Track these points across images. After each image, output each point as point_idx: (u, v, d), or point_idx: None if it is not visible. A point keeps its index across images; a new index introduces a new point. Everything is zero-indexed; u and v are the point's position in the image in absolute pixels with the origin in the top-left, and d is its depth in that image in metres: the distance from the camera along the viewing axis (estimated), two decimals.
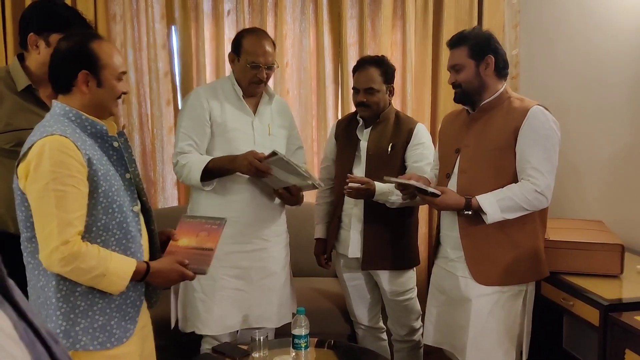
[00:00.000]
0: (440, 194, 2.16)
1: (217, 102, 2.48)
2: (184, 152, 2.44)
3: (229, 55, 2.54)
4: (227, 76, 2.62)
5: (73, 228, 1.57)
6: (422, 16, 3.53)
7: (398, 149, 2.62)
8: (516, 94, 2.30)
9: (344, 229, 2.72)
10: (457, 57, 2.24)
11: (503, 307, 2.21)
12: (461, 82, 2.22)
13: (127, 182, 1.73)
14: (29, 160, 1.58)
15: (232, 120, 2.48)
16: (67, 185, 1.56)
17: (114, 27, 3.28)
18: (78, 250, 1.56)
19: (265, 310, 2.56)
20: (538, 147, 2.10)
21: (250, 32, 2.53)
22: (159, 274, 1.75)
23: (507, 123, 2.16)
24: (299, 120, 3.50)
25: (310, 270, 3.36)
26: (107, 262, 1.61)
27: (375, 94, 2.61)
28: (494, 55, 2.20)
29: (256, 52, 2.44)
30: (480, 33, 2.26)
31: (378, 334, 2.87)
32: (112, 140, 1.71)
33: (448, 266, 2.33)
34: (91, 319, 1.64)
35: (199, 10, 3.32)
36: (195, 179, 2.38)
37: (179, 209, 3.37)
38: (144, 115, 3.43)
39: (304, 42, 3.49)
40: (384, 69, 2.62)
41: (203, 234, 1.92)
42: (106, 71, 1.69)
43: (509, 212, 2.11)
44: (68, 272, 1.58)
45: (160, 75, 3.37)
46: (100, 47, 1.69)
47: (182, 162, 2.43)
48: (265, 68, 2.46)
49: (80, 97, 1.68)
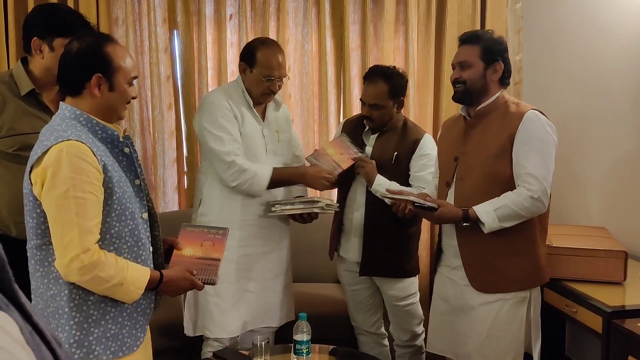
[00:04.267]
0: (438, 207, 2.15)
1: (236, 107, 2.49)
2: (237, 154, 2.43)
3: (240, 64, 2.54)
4: (234, 82, 2.61)
5: (93, 236, 1.56)
6: (425, 21, 3.53)
7: (402, 159, 2.61)
8: (513, 98, 2.29)
9: (346, 232, 2.72)
10: (467, 54, 2.21)
11: (507, 314, 2.19)
12: (466, 80, 2.20)
13: (137, 189, 1.71)
14: (45, 166, 1.54)
15: (248, 127, 2.50)
16: (87, 192, 1.54)
17: (116, 31, 3.28)
18: (98, 258, 1.55)
19: (269, 309, 2.62)
20: (533, 152, 2.10)
21: (264, 45, 2.52)
22: (171, 282, 1.75)
23: (503, 129, 2.15)
24: (301, 124, 3.51)
25: (311, 276, 3.36)
26: (125, 271, 1.59)
27: (380, 109, 2.59)
28: (503, 63, 2.19)
29: (271, 66, 2.46)
30: (495, 38, 2.24)
31: (379, 340, 2.86)
32: (123, 146, 1.69)
33: (450, 274, 2.32)
34: (104, 327, 1.62)
35: (201, 14, 3.33)
36: (261, 186, 2.44)
37: (179, 213, 3.37)
38: (145, 119, 3.43)
39: (306, 47, 3.49)
40: (392, 85, 2.57)
41: (208, 243, 1.92)
42: (119, 75, 1.67)
43: (506, 221, 2.10)
44: (86, 281, 1.56)
45: (162, 79, 3.37)
46: (114, 51, 1.67)
47: (244, 165, 2.41)
48: (278, 80, 2.48)
49: (91, 100, 1.65)
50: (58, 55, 1.73)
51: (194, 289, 1.86)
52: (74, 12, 2.30)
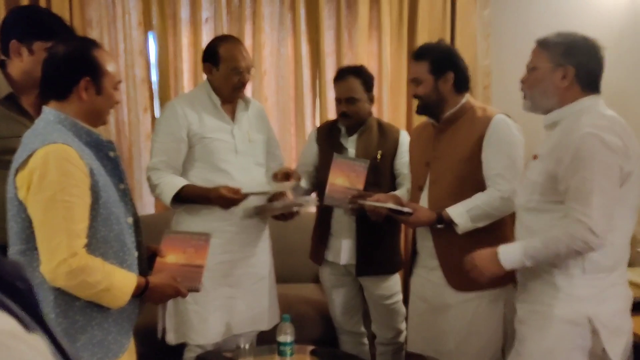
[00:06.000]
0: (412, 212, 2.22)
1: (195, 113, 2.48)
2: (157, 169, 2.44)
3: (205, 66, 2.54)
4: (200, 86, 2.62)
5: (81, 240, 1.54)
6: (397, 27, 3.60)
7: (387, 157, 2.67)
8: (479, 103, 2.37)
9: (334, 236, 2.73)
10: (417, 71, 2.30)
11: (485, 311, 2.26)
12: (421, 95, 2.29)
13: (122, 193, 1.71)
14: (32, 169, 1.52)
15: (212, 131, 2.48)
16: (74, 195, 1.53)
17: (90, 33, 3.24)
18: (85, 263, 1.53)
19: (257, 314, 2.60)
20: (502, 154, 2.18)
21: (224, 40, 2.56)
22: (156, 289, 1.74)
23: (472, 133, 2.22)
24: (278, 127, 3.53)
25: (288, 277, 3.38)
26: (112, 277, 1.58)
27: (357, 103, 2.64)
28: (454, 72, 2.25)
29: (236, 58, 2.47)
30: (442, 48, 2.32)
31: (360, 339, 2.91)
32: (108, 150, 1.69)
33: (428, 275, 2.37)
34: (90, 334, 1.60)
35: (177, 17, 3.32)
36: (166, 202, 2.42)
37: (155, 216, 3.36)
38: (120, 122, 3.40)
39: (282, 51, 3.52)
40: (364, 78, 2.66)
41: (190, 250, 1.92)
42: (106, 79, 1.67)
43: (479, 221, 2.18)
44: (74, 286, 1.54)
45: (138, 82, 3.35)
46: (101, 55, 1.67)
47: (155, 181, 2.43)
48: (246, 72, 2.50)
49: (78, 103, 1.64)
50: (38, 59, 1.70)
51: (177, 297, 1.85)
52: (53, 15, 2.26)
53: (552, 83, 1.82)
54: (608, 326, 1.78)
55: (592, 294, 1.79)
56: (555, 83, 1.82)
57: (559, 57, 1.81)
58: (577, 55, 1.80)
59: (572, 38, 1.84)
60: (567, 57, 1.80)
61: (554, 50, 1.83)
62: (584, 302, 1.79)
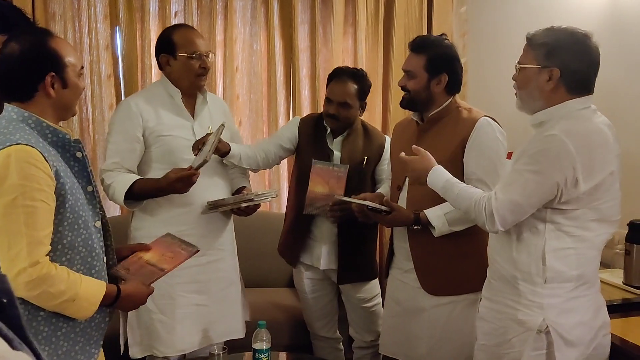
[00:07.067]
0: (390, 211, 2.16)
1: (151, 110, 2.35)
2: (109, 171, 2.31)
3: (162, 57, 2.39)
4: (157, 82, 2.51)
5: (43, 247, 1.46)
6: (373, 23, 3.53)
7: (371, 163, 2.60)
8: (465, 103, 2.31)
9: (314, 239, 2.64)
10: (412, 64, 2.22)
11: (459, 317, 2.21)
12: (410, 90, 2.21)
13: (89, 195, 1.62)
14: None
15: (171, 128, 2.35)
16: (37, 200, 1.44)
17: (54, 26, 3.09)
18: (47, 272, 1.45)
19: (232, 323, 2.50)
20: (483, 158, 2.13)
21: (177, 27, 2.45)
22: (129, 298, 1.66)
23: (455, 135, 2.17)
24: (250, 126, 3.44)
25: (260, 281, 3.29)
26: (77, 287, 1.50)
27: (349, 109, 2.54)
28: (449, 74, 2.19)
29: (193, 41, 2.35)
30: (442, 46, 2.22)
31: (335, 344, 2.84)
32: (75, 150, 1.59)
33: (402, 277, 2.33)
34: (55, 345, 1.53)
35: (145, 11, 3.19)
36: (120, 202, 2.26)
37: (120, 218, 3.24)
38: (84, 120, 3.26)
39: (255, 47, 3.41)
40: (362, 86, 2.56)
41: (169, 254, 1.83)
42: (69, 70, 1.57)
43: (456, 225, 2.13)
44: (34, 297, 1.46)
45: (103, 78, 3.21)
46: (58, 45, 1.56)
47: (107, 181, 2.30)
48: (205, 56, 2.37)
49: (45, 101, 1.54)
50: None
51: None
52: (13, 6, 2.13)
53: (537, 85, 1.76)
54: (565, 337, 1.73)
55: (554, 303, 1.74)
56: (540, 85, 1.75)
57: (543, 58, 1.74)
58: (562, 55, 1.72)
59: (559, 37, 1.75)
60: (552, 58, 1.73)
61: (539, 51, 1.76)
62: (545, 311, 1.74)
